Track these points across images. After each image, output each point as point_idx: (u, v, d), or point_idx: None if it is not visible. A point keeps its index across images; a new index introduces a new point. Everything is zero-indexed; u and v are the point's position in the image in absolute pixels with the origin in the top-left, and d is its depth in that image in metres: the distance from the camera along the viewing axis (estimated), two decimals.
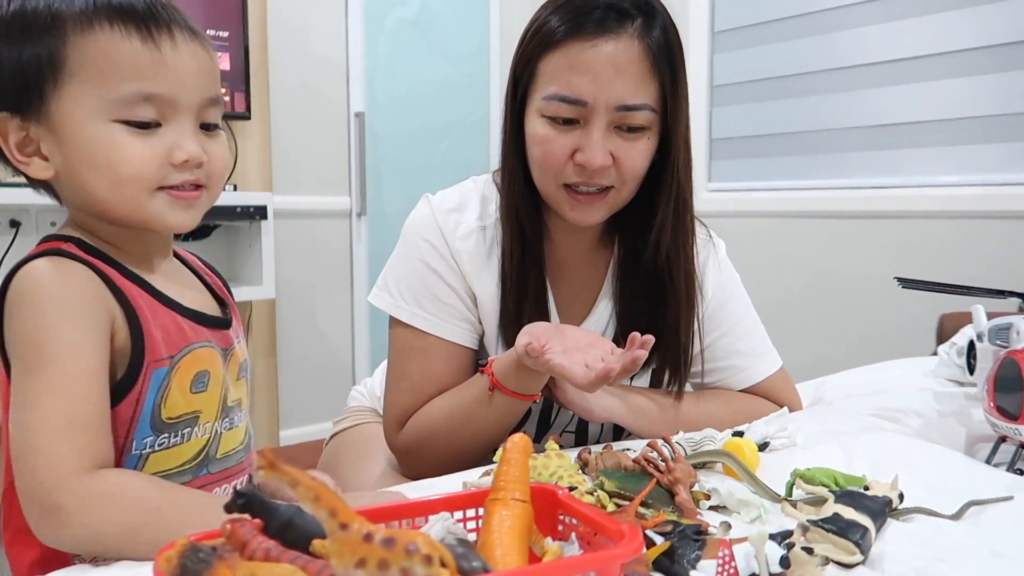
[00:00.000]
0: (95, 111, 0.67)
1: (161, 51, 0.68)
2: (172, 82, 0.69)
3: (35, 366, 0.64)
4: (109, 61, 0.67)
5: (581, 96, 0.92)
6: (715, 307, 1.10)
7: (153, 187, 0.70)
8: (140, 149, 0.68)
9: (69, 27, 0.66)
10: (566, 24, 0.93)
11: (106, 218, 0.72)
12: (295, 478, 0.42)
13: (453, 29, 3.43)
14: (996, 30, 2.36)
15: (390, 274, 1.06)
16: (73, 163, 0.68)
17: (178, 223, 0.73)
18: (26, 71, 0.67)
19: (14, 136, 0.69)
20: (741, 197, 2.96)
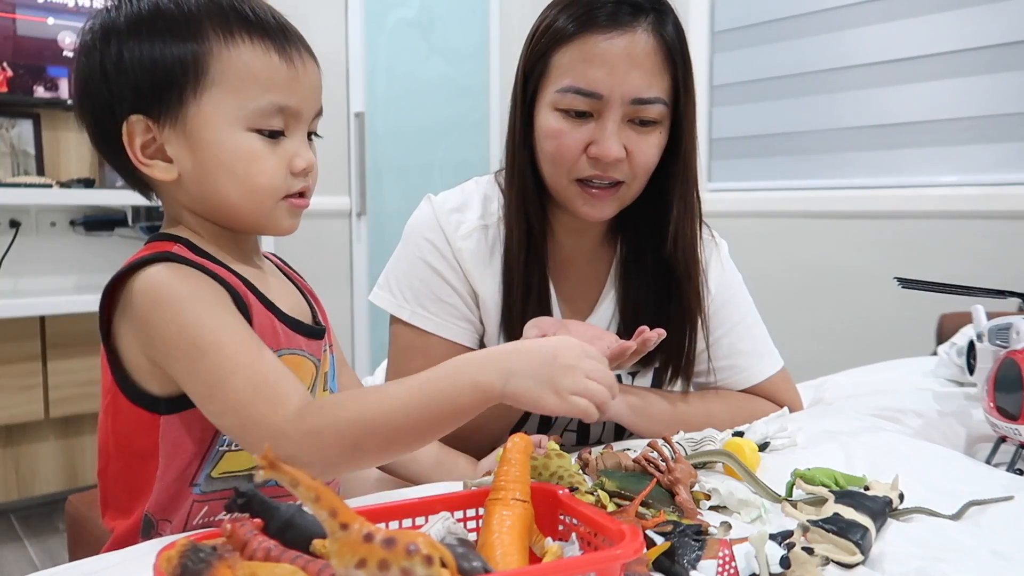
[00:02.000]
0: (233, 119, 0.69)
1: (294, 66, 0.72)
2: (299, 95, 0.72)
3: (199, 358, 0.65)
4: (251, 73, 0.69)
5: (596, 89, 0.92)
6: (717, 306, 1.10)
7: (280, 196, 0.73)
8: (272, 159, 0.71)
9: (212, 36, 0.69)
10: (579, 18, 0.93)
11: (228, 222, 0.74)
12: (295, 478, 0.42)
13: (453, 29, 3.43)
14: (995, 30, 2.36)
15: (391, 273, 1.06)
16: (207, 168, 0.70)
17: (290, 229, 0.76)
18: (167, 73, 0.68)
19: (140, 138, 0.70)
20: (741, 197, 2.96)
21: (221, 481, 0.73)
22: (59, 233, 2.56)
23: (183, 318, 0.66)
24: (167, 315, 0.66)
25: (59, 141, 2.57)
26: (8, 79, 2.34)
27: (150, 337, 0.67)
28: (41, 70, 2.40)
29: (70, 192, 2.40)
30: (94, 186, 2.51)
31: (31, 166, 2.47)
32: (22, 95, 2.39)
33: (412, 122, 3.32)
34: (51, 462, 2.49)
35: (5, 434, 2.40)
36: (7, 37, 2.34)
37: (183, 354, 0.66)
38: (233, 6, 0.70)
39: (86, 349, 2.41)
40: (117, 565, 0.65)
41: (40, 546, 2.32)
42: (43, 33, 2.40)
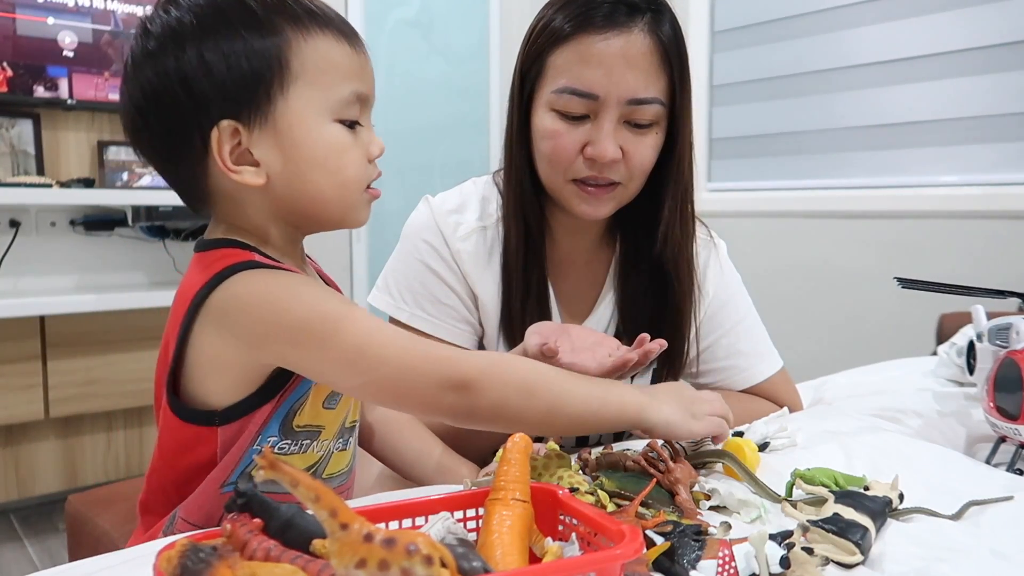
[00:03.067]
0: (320, 112, 0.68)
1: (360, 54, 0.71)
2: (369, 82, 0.72)
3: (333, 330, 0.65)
4: (330, 63, 0.68)
5: (592, 89, 0.92)
6: (716, 307, 1.10)
7: (364, 186, 0.73)
8: (355, 149, 0.71)
9: (287, 29, 0.67)
10: (575, 18, 0.93)
11: (313, 219, 0.73)
12: (295, 478, 0.42)
13: (453, 29, 3.43)
14: (995, 30, 2.36)
15: (391, 275, 1.06)
16: (299, 166, 0.68)
17: (365, 221, 0.75)
18: (253, 71, 0.66)
19: (228, 144, 0.67)
20: (741, 197, 2.96)
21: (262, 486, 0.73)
22: (59, 233, 2.57)
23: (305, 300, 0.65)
24: (289, 304, 0.65)
25: (59, 141, 2.58)
26: (8, 79, 2.35)
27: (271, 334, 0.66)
28: (41, 70, 2.40)
29: (70, 192, 2.40)
30: (94, 186, 2.52)
31: (31, 166, 2.47)
32: (22, 95, 2.39)
33: (412, 122, 3.32)
34: (51, 462, 2.49)
35: (5, 434, 2.40)
36: (7, 37, 2.34)
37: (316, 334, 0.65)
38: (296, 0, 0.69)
39: (86, 349, 2.41)
40: (117, 565, 0.65)
41: (40, 546, 2.32)
42: (43, 33, 2.40)
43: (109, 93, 2.52)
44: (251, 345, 0.67)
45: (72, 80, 2.45)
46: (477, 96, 3.49)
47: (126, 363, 2.47)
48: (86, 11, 2.46)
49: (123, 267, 2.67)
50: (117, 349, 2.46)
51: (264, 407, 0.70)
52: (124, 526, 1.13)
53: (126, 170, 2.63)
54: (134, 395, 2.50)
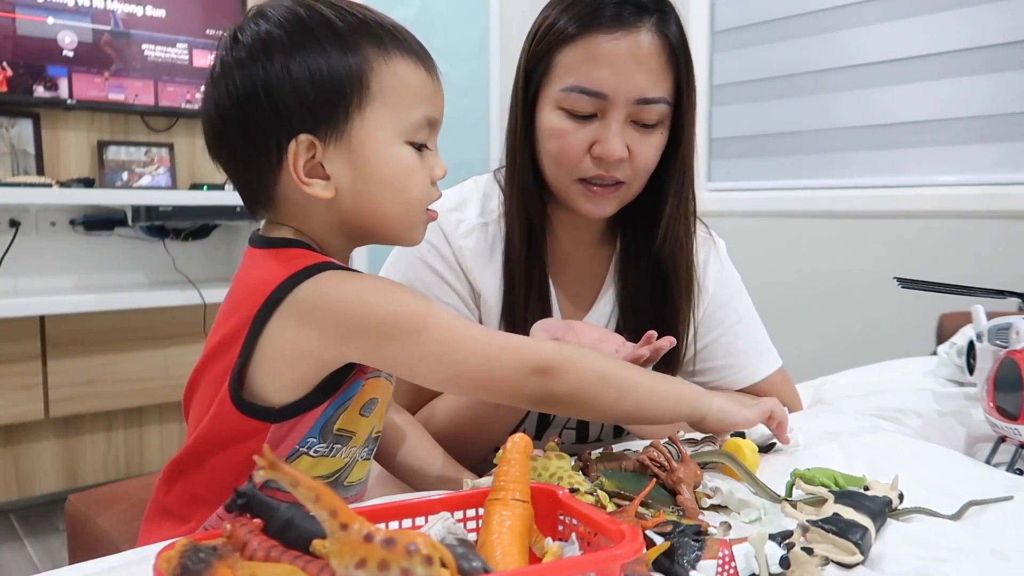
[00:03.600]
0: (393, 133, 0.70)
1: (435, 80, 0.74)
2: (440, 108, 0.75)
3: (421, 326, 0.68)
4: (407, 87, 0.71)
5: (601, 89, 0.92)
6: (716, 305, 1.10)
7: (423, 209, 0.75)
8: (421, 171, 0.73)
9: (369, 51, 0.69)
10: (583, 18, 0.93)
11: (372, 235, 0.75)
12: (295, 478, 0.42)
13: (453, 29, 3.43)
14: (995, 30, 2.36)
15: (391, 274, 1.06)
16: (368, 184, 0.70)
17: (421, 239, 0.78)
18: (335, 88, 0.68)
19: (303, 157, 0.69)
20: (741, 197, 2.96)
21: None
22: (59, 233, 2.57)
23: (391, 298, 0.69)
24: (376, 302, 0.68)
25: (59, 141, 2.58)
26: (8, 79, 2.35)
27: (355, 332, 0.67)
28: (41, 70, 2.40)
29: (70, 192, 2.40)
30: (94, 186, 2.52)
31: (31, 166, 2.47)
32: (22, 95, 2.39)
33: None
34: (51, 462, 2.49)
35: (5, 434, 2.40)
36: (7, 37, 2.34)
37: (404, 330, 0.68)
38: (380, 23, 0.71)
39: (86, 349, 2.41)
40: (118, 567, 0.65)
41: (40, 546, 2.32)
42: (43, 33, 2.40)
43: (109, 93, 2.53)
44: (336, 341, 0.68)
45: (72, 80, 2.45)
46: (477, 96, 3.49)
47: (126, 363, 2.47)
48: (86, 11, 2.46)
49: (123, 267, 2.67)
50: (117, 349, 2.46)
51: (317, 408, 0.71)
52: (124, 526, 1.13)
53: (126, 170, 2.63)
54: (134, 395, 2.50)
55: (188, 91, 2.61)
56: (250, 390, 0.70)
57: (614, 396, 0.74)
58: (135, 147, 2.66)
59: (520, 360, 0.70)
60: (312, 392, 0.70)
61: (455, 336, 0.69)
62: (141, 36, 2.55)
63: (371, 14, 0.72)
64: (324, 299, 0.67)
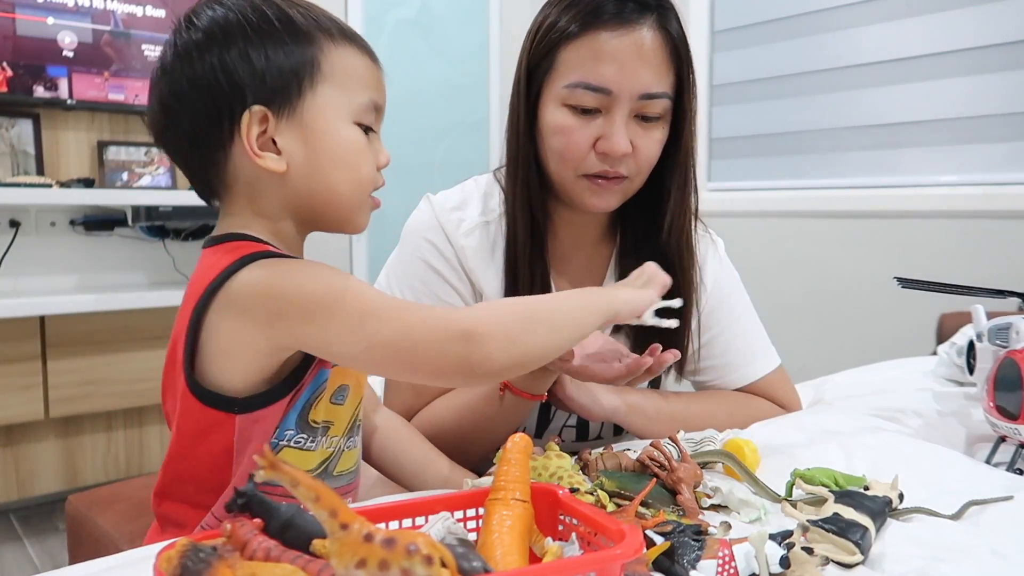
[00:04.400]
0: (342, 112, 0.75)
1: (379, 70, 0.80)
2: (383, 95, 0.80)
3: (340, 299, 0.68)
4: (355, 71, 0.76)
5: (606, 84, 0.93)
6: (714, 304, 1.11)
7: (371, 190, 0.78)
8: (368, 152, 0.77)
9: (323, 38, 0.75)
10: (585, 16, 0.94)
11: (323, 215, 0.77)
12: (295, 478, 0.42)
13: (453, 29, 3.43)
14: (996, 30, 2.36)
15: (392, 274, 1.06)
16: (319, 157, 0.74)
17: (365, 226, 0.80)
18: (290, 70, 0.73)
19: (256, 129, 0.72)
20: (741, 197, 2.96)
21: None
22: (59, 233, 2.57)
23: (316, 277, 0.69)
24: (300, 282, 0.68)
25: (59, 141, 2.58)
26: (8, 79, 2.35)
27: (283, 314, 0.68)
28: (41, 70, 2.40)
29: (70, 192, 2.40)
30: (94, 186, 2.52)
31: (31, 166, 2.47)
32: (22, 95, 2.39)
33: (412, 122, 3.32)
34: (51, 462, 2.49)
35: (5, 434, 2.40)
36: (7, 37, 2.34)
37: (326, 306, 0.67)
38: (327, 16, 0.77)
39: (86, 349, 2.41)
40: (118, 567, 0.65)
41: (40, 546, 2.32)
42: (43, 33, 2.40)
43: (109, 93, 2.52)
44: (267, 325, 0.68)
45: (72, 80, 2.45)
46: (477, 96, 3.49)
47: (126, 363, 2.47)
48: (86, 11, 2.46)
49: (123, 267, 2.67)
50: (117, 349, 2.46)
51: (281, 400, 0.71)
52: (124, 526, 1.13)
53: (126, 170, 2.63)
54: (134, 395, 2.50)
55: None
56: (211, 381, 0.71)
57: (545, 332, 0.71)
58: (135, 147, 2.66)
59: (438, 328, 0.66)
60: (275, 386, 0.71)
61: (373, 305, 0.67)
62: (141, 36, 2.55)
63: (319, 9, 0.77)
64: (253, 287, 0.68)
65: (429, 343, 0.66)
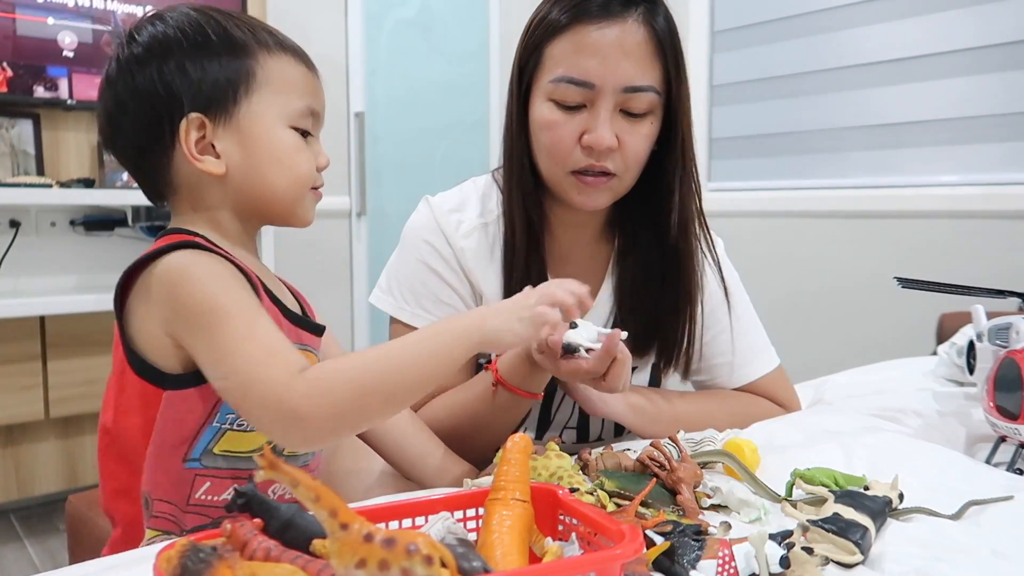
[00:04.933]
0: (277, 117, 0.79)
1: (316, 78, 0.84)
2: (321, 102, 0.84)
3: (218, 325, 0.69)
4: (290, 79, 0.81)
5: (588, 78, 0.93)
6: (714, 304, 1.11)
7: (309, 186, 0.82)
8: (306, 153, 0.81)
9: (258, 50, 0.80)
10: (571, 10, 0.94)
11: (265, 211, 0.81)
12: (295, 478, 0.42)
13: (453, 29, 3.43)
14: (996, 30, 2.36)
15: (392, 276, 1.06)
16: (257, 159, 0.78)
17: (311, 220, 0.84)
18: (226, 80, 0.78)
19: (195, 134, 0.76)
20: (741, 197, 2.96)
21: (223, 459, 0.76)
22: (59, 233, 2.57)
23: (208, 290, 0.71)
24: (193, 289, 0.71)
25: (59, 141, 2.57)
26: (8, 79, 2.34)
27: (175, 313, 0.72)
28: (41, 70, 2.40)
29: (70, 192, 2.40)
30: (94, 186, 2.51)
31: (31, 166, 2.47)
32: (22, 95, 2.39)
33: (412, 122, 3.32)
34: (51, 462, 2.49)
35: (5, 434, 2.40)
36: (7, 37, 2.34)
37: (204, 323, 0.70)
38: (268, 30, 0.83)
39: (86, 349, 2.41)
40: (118, 567, 0.65)
41: (40, 546, 2.32)
42: (43, 33, 2.40)
43: None
44: (164, 319, 0.72)
45: (72, 80, 2.45)
46: (477, 96, 3.49)
47: None
48: (86, 11, 2.46)
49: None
50: None
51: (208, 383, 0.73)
52: None
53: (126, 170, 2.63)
54: None
55: None
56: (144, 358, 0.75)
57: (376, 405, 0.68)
58: None
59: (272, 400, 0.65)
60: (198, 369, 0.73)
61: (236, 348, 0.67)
62: None
63: (257, 21, 0.83)
64: (159, 277, 0.72)
65: (258, 411, 0.67)
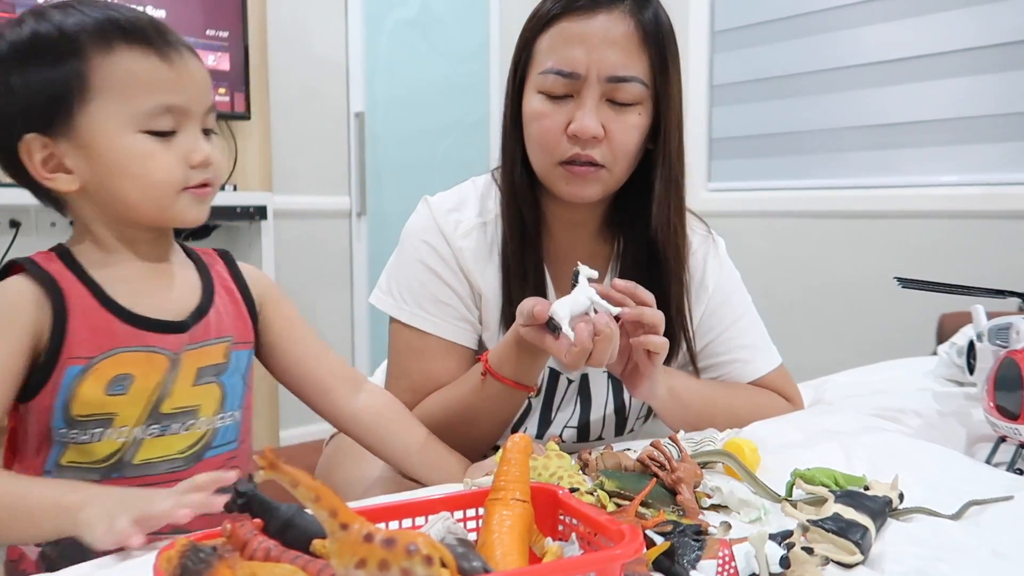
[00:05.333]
0: (123, 124, 0.74)
1: (175, 67, 0.76)
2: (185, 94, 0.76)
3: None
4: (134, 78, 0.73)
5: (574, 68, 0.94)
6: (716, 304, 1.10)
7: (179, 188, 0.77)
8: (166, 156, 0.76)
9: (90, 49, 0.72)
10: (560, 2, 0.95)
11: (132, 221, 0.78)
12: (296, 478, 0.42)
13: (453, 29, 3.43)
14: (996, 30, 2.36)
15: (391, 277, 1.06)
16: (105, 173, 0.75)
17: (197, 218, 0.80)
18: (54, 92, 0.72)
19: (39, 155, 0.73)
20: (741, 197, 2.96)
21: (70, 471, 0.77)
22: (59, 233, 2.56)
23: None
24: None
25: None
26: None
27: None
28: None
29: None
30: None
31: None
32: None
33: (412, 122, 3.32)
34: None
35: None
36: None
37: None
38: (108, 18, 0.74)
39: None
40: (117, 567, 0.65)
41: None
42: None
43: None
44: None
45: None
46: (477, 96, 3.49)
47: None
48: None
49: None
50: None
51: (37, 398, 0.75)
52: None
53: None
54: None
55: None
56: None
57: None
58: None
59: None
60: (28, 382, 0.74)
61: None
62: None
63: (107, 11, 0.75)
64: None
65: None
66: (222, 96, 2.62)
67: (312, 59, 3.00)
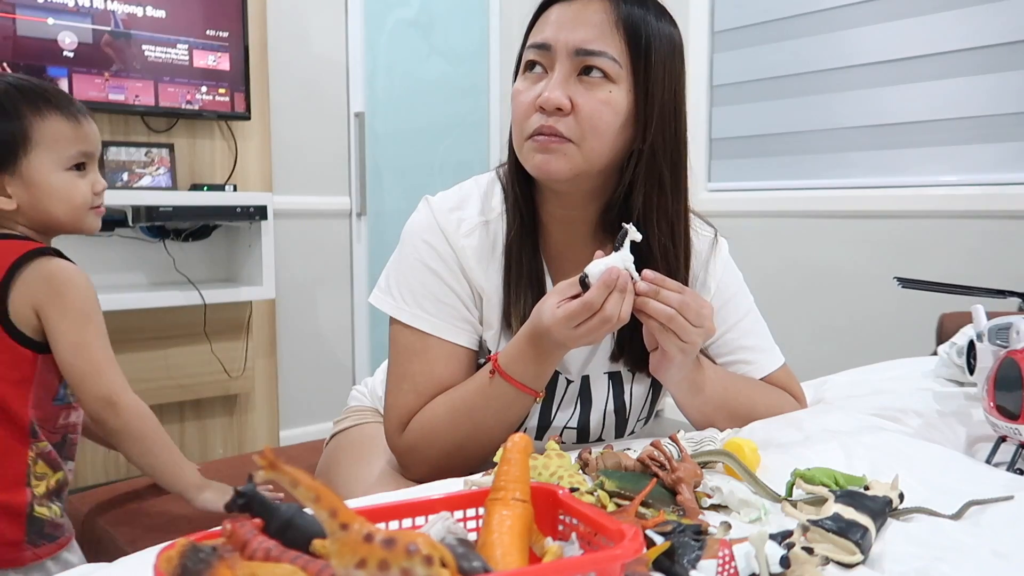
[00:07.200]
0: (54, 165, 1.10)
1: (83, 126, 1.13)
2: (90, 143, 1.14)
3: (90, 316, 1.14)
4: (61, 134, 1.10)
5: (545, 39, 0.97)
6: (719, 304, 1.10)
7: (89, 208, 1.14)
8: (83, 186, 1.13)
9: (29, 115, 1.08)
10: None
11: (53, 230, 1.15)
12: (295, 478, 0.42)
13: (453, 29, 3.43)
14: (995, 30, 2.36)
15: (391, 277, 1.06)
16: (41, 199, 1.11)
17: (95, 227, 1.17)
18: (7, 143, 1.07)
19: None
20: (741, 197, 2.96)
21: None
22: None
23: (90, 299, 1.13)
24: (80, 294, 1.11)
25: None
26: None
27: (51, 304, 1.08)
28: (41, 70, 2.40)
29: None
30: None
31: None
32: None
33: (412, 122, 3.32)
34: None
35: None
36: (7, 37, 2.34)
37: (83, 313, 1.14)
38: (35, 91, 1.10)
39: None
40: (117, 567, 0.65)
41: None
42: (43, 33, 2.40)
43: (109, 94, 2.53)
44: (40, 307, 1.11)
45: (72, 80, 2.45)
46: (477, 96, 3.49)
47: (126, 363, 2.45)
48: (86, 11, 2.46)
49: (123, 267, 2.67)
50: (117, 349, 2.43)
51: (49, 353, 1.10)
52: (124, 526, 1.13)
53: (126, 170, 2.63)
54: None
55: (188, 92, 2.61)
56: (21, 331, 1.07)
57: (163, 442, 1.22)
58: (135, 147, 2.65)
59: None
60: None
61: None
62: (141, 37, 2.55)
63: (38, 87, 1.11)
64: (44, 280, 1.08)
65: None
66: (222, 96, 2.62)
67: (312, 59, 3.00)
